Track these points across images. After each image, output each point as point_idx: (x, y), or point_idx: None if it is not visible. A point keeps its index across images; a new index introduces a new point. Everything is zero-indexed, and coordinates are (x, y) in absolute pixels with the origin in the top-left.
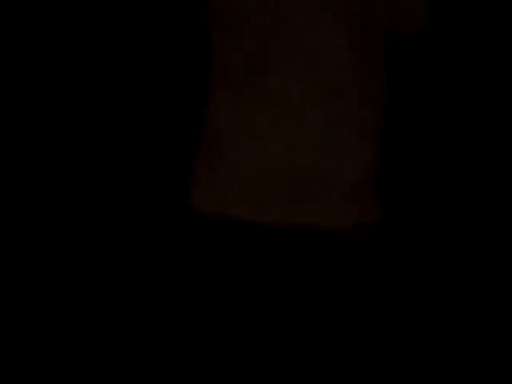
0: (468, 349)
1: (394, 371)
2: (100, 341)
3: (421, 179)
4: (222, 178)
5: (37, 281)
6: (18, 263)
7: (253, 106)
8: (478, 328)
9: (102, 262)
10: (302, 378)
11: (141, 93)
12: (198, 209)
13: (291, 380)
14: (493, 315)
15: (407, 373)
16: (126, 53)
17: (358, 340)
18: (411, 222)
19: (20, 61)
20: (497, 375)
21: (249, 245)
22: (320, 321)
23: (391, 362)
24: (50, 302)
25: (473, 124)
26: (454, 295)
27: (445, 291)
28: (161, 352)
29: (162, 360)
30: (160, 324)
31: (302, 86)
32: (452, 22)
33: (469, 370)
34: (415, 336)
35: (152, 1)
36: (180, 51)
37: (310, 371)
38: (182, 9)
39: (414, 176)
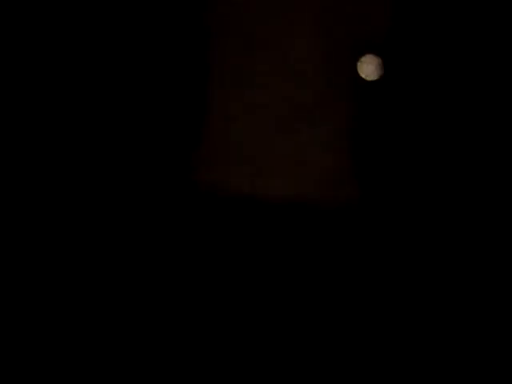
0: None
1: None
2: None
3: (400, 163)
4: (222, 157)
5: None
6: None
7: (246, 105)
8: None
9: (105, 239)
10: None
11: (142, 81)
12: (200, 183)
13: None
14: (469, 294)
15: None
16: (126, 49)
17: (341, 314)
18: (390, 202)
19: (19, 60)
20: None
21: (245, 219)
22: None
23: (370, 333)
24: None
25: (451, 112)
26: (431, 273)
27: (421, 268)
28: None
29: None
30: (162, 298)
31: (279, 93)
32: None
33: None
34: (395, 312)
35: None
36: (179, 49)
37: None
38: (183, 8)
39: (393, 159)
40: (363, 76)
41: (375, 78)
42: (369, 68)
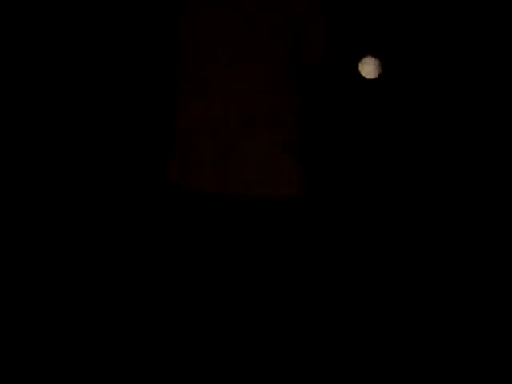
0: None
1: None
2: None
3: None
4: (189, 160)
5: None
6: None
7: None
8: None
9: (87, 234)
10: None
11: (117, 85)
12: (175, 182)
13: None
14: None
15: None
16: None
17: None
18: (334, 197)
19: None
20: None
21: (208, 213)
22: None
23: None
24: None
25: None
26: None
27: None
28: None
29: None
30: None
31: (238, 105)
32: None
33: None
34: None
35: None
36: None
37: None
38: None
39: (336, 156)
40: (364, 75)
41: (374, 77)
42: (369, 68)
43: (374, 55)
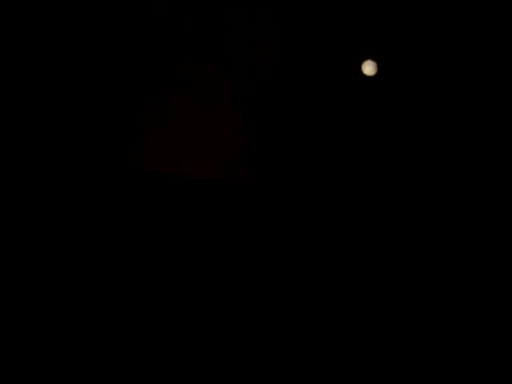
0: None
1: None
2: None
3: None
4: (161, 144)
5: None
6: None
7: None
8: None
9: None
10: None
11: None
12: (142, 165)
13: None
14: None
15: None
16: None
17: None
18: (279, 185)
19: None
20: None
21: (162, 195)
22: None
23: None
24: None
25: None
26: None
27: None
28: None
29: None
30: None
31: (193, 105)
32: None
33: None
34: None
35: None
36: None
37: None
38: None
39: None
40: (365, 73)
41: (373, 75)
42: (369, 68)
43: (373, 58)
